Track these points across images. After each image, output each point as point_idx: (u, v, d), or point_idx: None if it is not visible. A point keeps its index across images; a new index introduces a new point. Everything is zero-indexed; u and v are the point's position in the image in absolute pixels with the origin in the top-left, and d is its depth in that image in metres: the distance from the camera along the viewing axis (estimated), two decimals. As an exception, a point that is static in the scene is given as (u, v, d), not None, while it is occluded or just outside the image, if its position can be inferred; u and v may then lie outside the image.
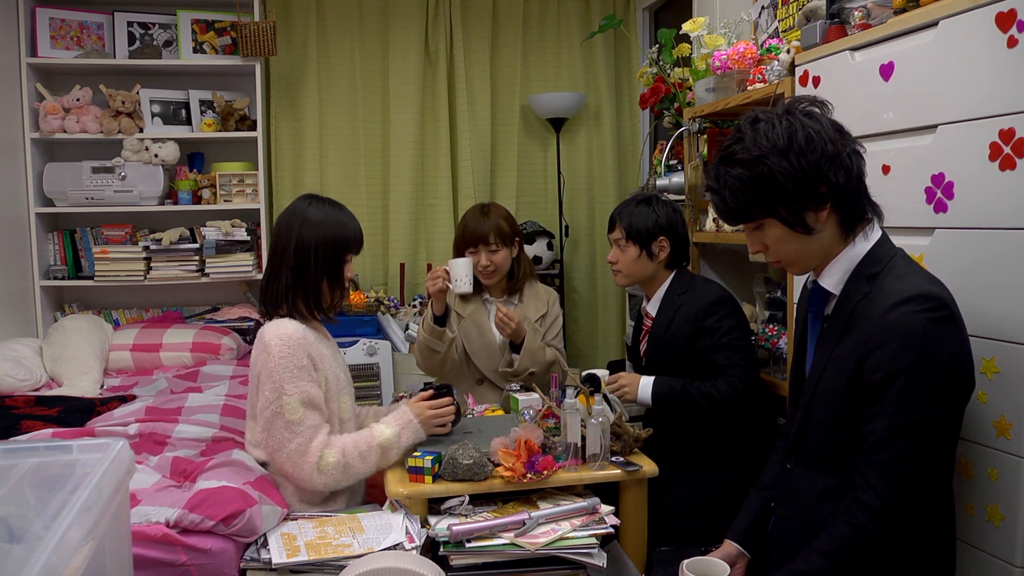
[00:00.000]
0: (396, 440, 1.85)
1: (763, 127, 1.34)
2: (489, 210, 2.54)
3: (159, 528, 1.57)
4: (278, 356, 1.78)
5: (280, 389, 1.78)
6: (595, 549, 1.63)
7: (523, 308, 2.57)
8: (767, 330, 2.36)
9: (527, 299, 2.60)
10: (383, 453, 1.84)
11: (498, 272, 2.52)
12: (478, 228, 2.49)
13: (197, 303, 3.64)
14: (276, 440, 1.79)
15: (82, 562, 1.00)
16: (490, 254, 2.48)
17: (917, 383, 1.26)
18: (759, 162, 1.33)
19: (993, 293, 1.43)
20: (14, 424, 2.25)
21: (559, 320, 2.66)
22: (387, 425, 1.87)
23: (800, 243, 1.39)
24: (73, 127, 3.27)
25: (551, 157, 3.87)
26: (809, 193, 1.33)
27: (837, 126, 1.37)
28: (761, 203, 1.36)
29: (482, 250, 2.48)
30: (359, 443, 1.83)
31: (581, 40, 3.83)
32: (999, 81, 1.39)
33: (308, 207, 1.90)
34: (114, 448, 1.28)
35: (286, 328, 1.82)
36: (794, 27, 2.26)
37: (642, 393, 2.20)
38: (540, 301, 2.61)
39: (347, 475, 1.82)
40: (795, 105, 1.38)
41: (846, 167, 1.33)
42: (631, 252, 2.27)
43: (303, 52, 3.64)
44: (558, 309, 2.68)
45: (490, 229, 2.47)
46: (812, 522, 1.40)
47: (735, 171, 1.36)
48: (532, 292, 2.63)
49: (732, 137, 1.39)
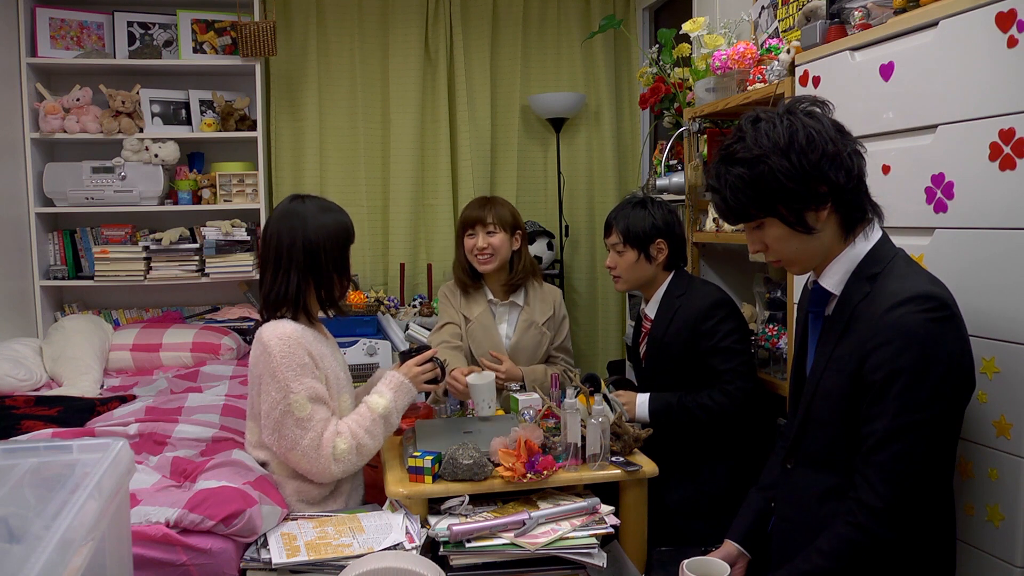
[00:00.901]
0: (393, 405, 1.89)
1: (764, 126, 1.34)
2: (492, 199, 2.57)
3: (159, 528, 1.57)
4: (279, 356, 1.78)
5: (286, 388, 1.78)
6: (595, 549, 1.63)
7: (529, 311, 2.56)
8: (767, 330, 2.36)
9: (532, 301, 2.58)
10: (386, 422, 1.88)
11: (496, 257, 2.48)
12: (478, 211, 2.50)
13: (197, 303, 3.64)
14: (288, 439, 1.79)
15: (82, 562, 1.00)
16: (487, 235, 2.47)
17: (918, 383, 1.26)
18: (760, 161, 1.33)
19: (993, 293, 1.43)
20: (14, 424, 2.25)
21: (567, 321, 2.66)
22: (380, 394, 1.90)
23: (800, 242, 1.39)
24: (73, 127, 3.27)
25: (551, 157, 3.87)
26: (810, 193, 1.33)
27: (838, 126, 1.37)
28: (761, 202, 1.36)
29: (479, 231, 2.47)
30: (362, 421, 1.85)
31: (581, 40, 3.83)
32: (999, 81, 1.39)
33: (303, 207, 1.90)
34: (114, 448, 1.28)
35: (284, 328, 1.82)
36: (794, 27, 2.26)
37: (639, 411, 2.20)
38: (546, 303, 2.59)
39: (361, 455, 1.84)
40: (796, 105, 1.38)
41: (847, 167, 1.33)
42: (629, 256, 2.26)
43: (303, 52, 3.64)
44: (565, 310, 2.67)
45: (489, 212, 2.48)
46: (812, 522, 1.40)
47: (736, 170, 1.36)
48: (538, 294, 2.61)
49: (733, 136, 1.38)
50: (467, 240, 2.51)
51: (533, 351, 2.55)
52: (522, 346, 2.53)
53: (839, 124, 1.38)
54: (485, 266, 2.49)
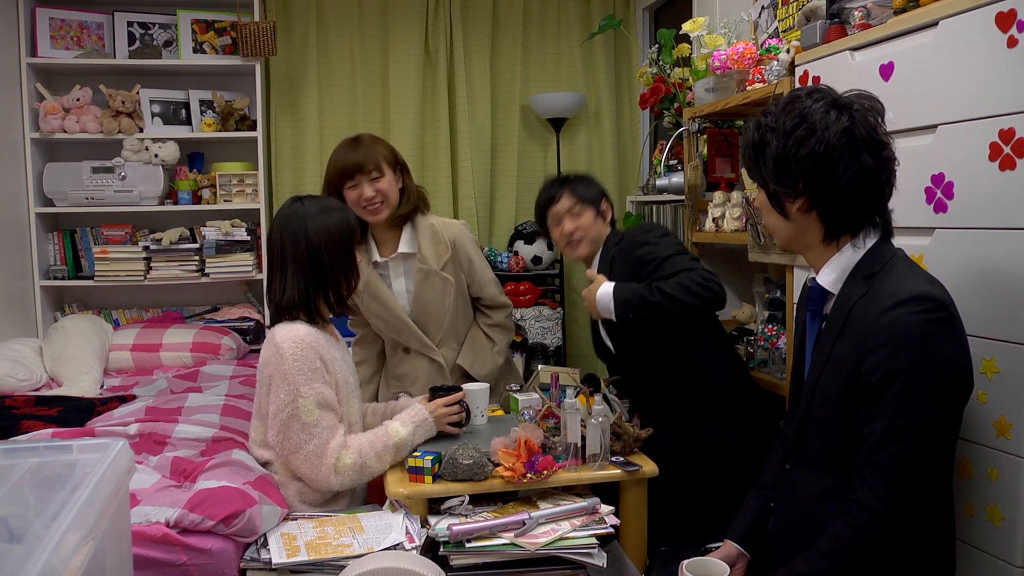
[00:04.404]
0: (410, 439, 1.88)
1: (797, 104, 1.36)
2: (360, 138, 2.22)
3: (159, 528, 1.57)
4: (291, 359, 1.78)
5: (295, 391, 1.77)
6: (595, 549, 1.63)
7: (421, 258, 2.25)
8: (766, 330, 2.36)
9: (424, 244, 2.24)
10: (397, 451, 1.87)
11: (388, 203, 2.18)
12: (351, 157, 2.15)
13: (197, 303, 3.64)
14: (293, 442, 1.79)
15: (82, 562, 1.00)
16: (372, 183, 2.15)
17: (915, 384, 1.26)
18: (764, 131, 1.38)
19: (993, 293, 1.43)
20: (14, 424, 2.25)
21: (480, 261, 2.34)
22: (402, 424, 1.89)
23: (776, 219, 1.45)
24: (73, 127, 3.27)
25: (551, 157, 3.87)
26: (787, 181, 1.37)
27: (858, 140, 1.32)
28: (756, 168, 1.43)
29: (362, 181, 2.14)
30: (375, 443, 1.84)
31: (581, 40, 3.84)
32: (999, 81, 1.39)
33: (304, 209, 1.89)
34: (114, 448, 1.28)
35: (298, 331, 1.81)
36: (794, 27, 2.26)
37: (602, 301, 2.06)
38: (440, 244, 2.26)
39: (363, 475, 1.83)
40: (849, 100, 1.35)
41: (830, 176, 1.33)
42: (588, 215, 2.27)
43: (303, 52, 3.64)
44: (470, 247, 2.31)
45: (365, 155, 2.15)
46: (812, 522, 1.40)
47: (751, 129, 1.42)
48: (427, 236, 2.25)
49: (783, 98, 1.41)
50: (349, 193, 2.17)
51: (439, 304, 2.27)
52: (425, 301, 2.27)
53: (872, 138, 1.33)
54: (376, 216, 2.19)
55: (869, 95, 1.38)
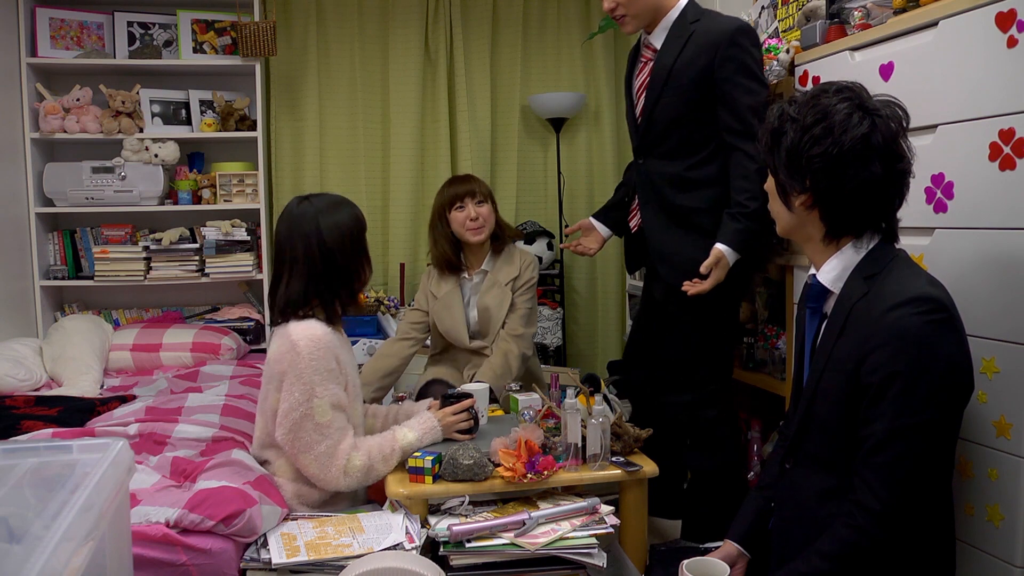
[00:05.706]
0: (417, 444, 1.89)
1: (821, 100, 1.36)
2: (470, 175, 2.69)
3: (159, 528, 1.57)
4: (308, 358, 1.77)
5: (311, 392, 1.77)
6: (595, 549, 1.63)
7: (494, 274, 2.62)
8: (766, 330, 2.36)
9: (501, 263, 2.64)
10: (403, 455, 1.87)
11: (487, 227, 2.57)
12: (464, 185, 2.58)
13: (197, 303, 3.64)
14: (304, 442, 1.79)
15: (82, 562, 1.00)
16: (477, 206, 2.55)
17: (915, 385, 1.26)
18: (785, 120, 1.39)
19: (993, 293, 1.43)
20: (14, 424, 2.25)
21: (529, 293, 2.62)
22: (410, 429, 1.90)
23: (780, 208, 1.46)
24: (73, 127, 3.27)
25: (551, 157, 3.87)
26: (796, 175, 1.38)
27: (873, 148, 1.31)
28: (771, 153, 1.43)
29: (468, 203, 2.55)
30: (383, 447, 1.85)
31: (581, 40, 3.83)
32: (999, 81, 1.40)
33: (311, 208, 1.88)
34: (114, 448, 1.28)
35: (315, 330, 1.80)
36: (794, 27, 2.26)
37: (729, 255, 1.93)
38: (512, 265, 2.64)
39: (369, 477, 1.84)
40: (876, 106, 1.34)
41: (835, 179, 1.33)
42: None
43: (303, 52, 3.64)
44: (533, 275, 2.66)
45: (475, 184, 2.59)
46: (812, 522, 1.40)
47: (774, 112, 1.43)
48: (508, 256, 2.67)
49: (812, 90, 1.41)
50: (456, 214, 2.56)
51: (497, 309, 2.59)
52: (485, 304, 2.60)
53: (888, 149, 1.32)
54: (478, 236, 2.56)
55: (898, 103, 1.36)
